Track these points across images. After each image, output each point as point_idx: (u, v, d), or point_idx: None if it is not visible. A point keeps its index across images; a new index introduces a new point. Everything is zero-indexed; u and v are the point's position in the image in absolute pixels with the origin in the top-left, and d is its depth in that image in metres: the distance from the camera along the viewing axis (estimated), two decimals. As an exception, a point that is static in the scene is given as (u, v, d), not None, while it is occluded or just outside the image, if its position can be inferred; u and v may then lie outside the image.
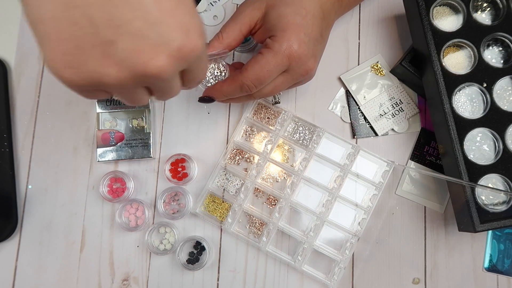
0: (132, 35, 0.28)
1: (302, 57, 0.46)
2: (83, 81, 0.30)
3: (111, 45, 0.28)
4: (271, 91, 0.49)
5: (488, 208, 0.51)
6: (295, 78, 0.48)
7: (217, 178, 0.58)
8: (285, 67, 0.46)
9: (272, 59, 0.45)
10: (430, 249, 0.58)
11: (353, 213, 0.58)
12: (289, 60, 0.46)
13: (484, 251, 0.58)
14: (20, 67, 0.61)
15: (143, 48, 0.29)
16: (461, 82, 0.53)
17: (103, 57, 0.29)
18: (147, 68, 0.29)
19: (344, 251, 0.56)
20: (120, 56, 0.29)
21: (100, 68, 0.29)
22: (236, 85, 0.47)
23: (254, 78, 0.46)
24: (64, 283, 0.57)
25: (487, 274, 0.57)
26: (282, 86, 0.49)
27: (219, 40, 0.48)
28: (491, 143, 0.53)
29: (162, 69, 0.30)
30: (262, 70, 0.46)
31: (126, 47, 0.29)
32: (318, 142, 0.58)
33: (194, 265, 0.56)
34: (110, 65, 0.29)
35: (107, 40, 0.28)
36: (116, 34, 0.28)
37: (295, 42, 0.45)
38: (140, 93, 0.34)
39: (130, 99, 0.35)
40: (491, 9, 0.55)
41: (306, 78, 0.50)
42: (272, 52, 0.45)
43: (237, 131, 0.59)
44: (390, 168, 0.58)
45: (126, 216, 0.57)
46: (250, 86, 0.46)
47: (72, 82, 0.30)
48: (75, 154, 0.59)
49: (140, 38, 0.29)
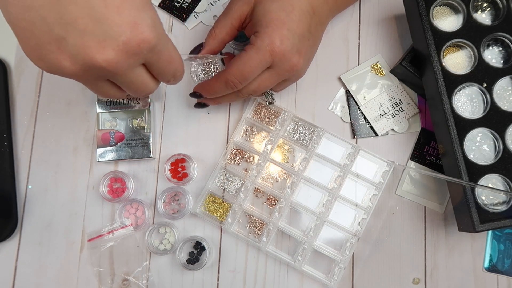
0: (80, 31, 0.32)
1: (285, 53, 0.46)
2: (53, 71, 0.34)
3: (63, 41, 0.32)
4: (257, 87, 0.49)
5: (488, 208, 0.51)
6: (280, 74, 0.48)
7: (217, 178, 0.58)
8: (268, 63, 0.46)
9: (254, 55, 0.46)
10: (430, 249, 0.58)
11: (353, 213, 0.58)
12: (271, 56, 0.46)
13: (484, 251, 0.58)
14: (20, 67, 0.61)
15: (90, 43, 0.32)
16: (461, 82, 0.53)
17: (58, 52, 0.33)
18: (95, 61, 0.33)
19: (344, 251, 0.56)
20: (71, 50, 0.33)
21: (57, 62, 0.33)
22: (221, 82, 0.48)
23: (238, 74, 0.46)
24: (64, 283, 0.57)
25: (487, 274, 0.57)
26: (268, 82, 0.49)
27: (212, 37, 0.50)
28: (491, 143, 0.53)
29: (110, 62, 0.33)
30: (245, 66, 0.46)
31: (75, 43, 0.32)
32: (318, 142, 0.58)
33: (194, 265, 0.56)
34: (65, 59, 0.33)
35: (60, 37, 0.32)
36: (66, 31, 0.32)
37: (277, 38, 0.45)
38: (105, 87, 0.38)
39: (99, 92, 0.39)
40: (491, 9, 0.55)
41: (294, 75, 0.50)
42: (255, 48, 0.46)
43: (237, 131, 0.59)
44: (390, 168, 0.58)
45: (126, 216, 0.57)
46: (235, 82, 0.47)
47: (47, 71, 0.35)
48: (75, 154, 0.59)
49: (87, 34, 0.32)
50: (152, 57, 0.36)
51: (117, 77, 0.36)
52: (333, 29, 0.62)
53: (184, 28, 0.62)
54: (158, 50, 0.36)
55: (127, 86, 0.38)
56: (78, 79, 0.36)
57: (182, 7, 0.62)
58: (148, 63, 0.37)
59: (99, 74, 0.35)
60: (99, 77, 0.36)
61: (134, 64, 0.36)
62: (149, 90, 0.40)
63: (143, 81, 0.38)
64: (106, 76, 0.36)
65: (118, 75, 0.36)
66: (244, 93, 0.50)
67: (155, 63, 0.37)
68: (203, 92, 0.52)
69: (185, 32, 0.62)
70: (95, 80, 0.37)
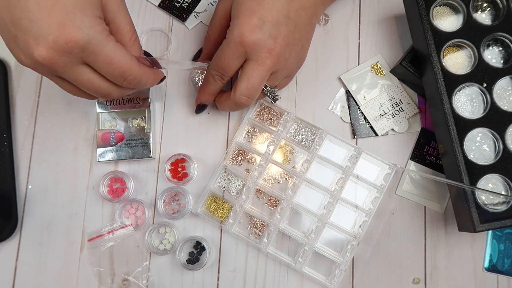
0: (23, 30, 0.37)
1: (255, 41, 0.46)
2: (22, 64, 0.39)
3: (16, 38, 0.38)
4: (248, 85, 0.48)
5: (488, 208, 0.51)
6: (262, 63, 0.47)
7: (218, 179, 0.58)
8: (241, 54, 0.47)
9: (226, 48, 0.47)
10: (430, 249, 0.58)
11: (355, 215, 0.58)
12: (242, 46, 0.46)
13: (484, 251, 0.58)
14: (20, 67, 0.61)
15: (29, 40, 0.37)
16: (461, 82, 0.53)
17: (16, 48, 0.38)
18: (33, 57, 0.37)
19: (345, 253, 0.56)
20: (21, 46, 0.38)
21: (18, 56, 0.39)
22: (209, 78, 0.51)
23: (216, 66, 0.49)
24: (64, 283, 0.57)
25: (487, 274, 0.57)
26: (257, 76, 0.48)
27: (207, 39, 0.51)
28: (491, 143, 0.53)
29: (44, 58, 0.37)
30: (220, 60, 0.48)
31: (22, 40, 0.37)
32: (320, 144, 0.58)
33: (194, 265, 0.56)
34: (20, 53, 0.38)
35: (14, 35, 0.38)
36: (16, 30, 0.37)
37: (246, 28, 0.46)
38: (62, 83, 0.42)
39: (63, 87, 0.43)
40: (491, 9, 0.55)
41: (278, 63, 0.48)
42: (226, 41, 0.47)
43: (240, 131, 0.59)
44: (392, 171, 0.58)
45: (126, 216, 0.57)
46: (218, 74, 0.49)
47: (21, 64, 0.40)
48: (75, 154, 0.59)
49: (27, 32, 0.36)
50: (87, 57, 0.39)
51: (61, 74, 0.40)
52: (333, 29, 0.62)
53: (184, 28, 0.62)
54: (91, 51, 0.38)
55: (77, 84, 0.41)
56: (40, 73, 0.41)
57: (182, 7, 0.62)
58: (88, 62, 0.39)
59: (46, 69, 0.39)
60: (50, 73, 0.40)
61: (71, 62, 0.38)
62: (103, 90, 0.42)
63: (89, 80, 0.40)
64: (52, 72, 0.40)
65: (60, 72, 0.39)
66: (239, 96, 0.49)
67: (93, 63, 0.39)
68: (202, 99, 0.55)
69: (185, 32, 0.62)
70: (50, 75, 0.41)
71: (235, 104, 0.50)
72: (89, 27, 0.37)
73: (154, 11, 0.62)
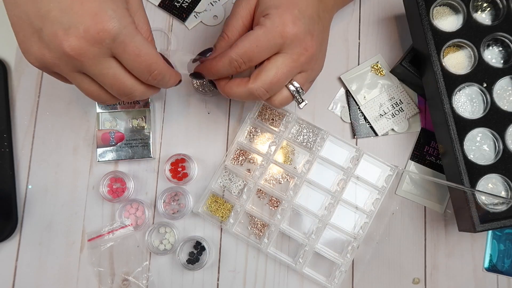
0: (51, 22, 0.36)
1: (297, 33, 0.44)
2: (37, 63, 0.39)
3: (41, 32, 0.37)
4: (274, 77, 0.45)
5: (488, 208, 0.51)
6: (295, 59, 0.45)
7: (220, 179, 0.58)
8: (277, 45, 0.44)
9: (263, 35, 0.43)
10: (430, 249, 0.58)
11: (355, 216, 0.58)
12: (282, 37, 0.43)
13: (484, 251, 0.58)
14: (20, 67, 0.61)
15: (58, 31, 0.36)
16: (461, 82, 0.53)
17: (39, 42, 0.38)
18: (63, 48, 0.37)
19: (346, 254, 0.56)
20: (46, 40, 0.37)
21: (39, 51, 0.38)
22: (225, 61, 0.45)
23: (243, 52, 0.44)
24: (64, 283, 0.57)
25: (487, 274, 0.57)
26: (285, 69, 0.45)
27: (225, 40, 0.47)
28: (491, 143, 0.53)
29: (74, 49, 0.37)
30: (251, 45, 0.43)
31: (49, 32, 0.37)
32: (322, 145, 0.58)
33: (194, 265, 0.56)
34: (43, 47, 0.38)
35: (38, 28, 0.37)
36: (42, 23, 0.37)
37: (289, 18, 0.43)
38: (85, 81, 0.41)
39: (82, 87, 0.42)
40: (491, 9, 0.55)
41: (310, 62, 0.46)
42: (264, 28, 0.43)
43: (241, 131, 0.59)
44: (393, 172, 0.57)
45: (126, 216, 0.57)
46: (239, 61, 0.44)
47: (33, 65, 0.39)
48: (75, 154, 0.59)
49: (56, 23, 0.36)
50: (116, 48, 0.38)
51: (87, 67, 0.39)
52: (333, 29, 0.62)
53: (184, 28, 0.62)
54: (121, 41, 0.38)
55: (100, 80, 0.40)
56: (61, 70, 0.40)
57: (182, 7, 0.62)
58: (115, 54, 0.39)
59: (72, 63, 0.38)
60: (74, 68, 0.39)
61: (100, 54, 0.38)
62: (127, 88, 0.42)
63: (115, 75, 0.40)
64: (78, 67, 0.39)
65: (87, 65, 0.39)
66: (259, 87, 0.45)
67: (121, 54, 0.39)
68: (204, 72, 0.48)
69: (185, 32, 0.62)
70: (74, 71, 0.40)
71: (248, 94, 0.46)
72: (121, 18, 0.38)
73: (154, 10, 0.62)
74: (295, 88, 0.48)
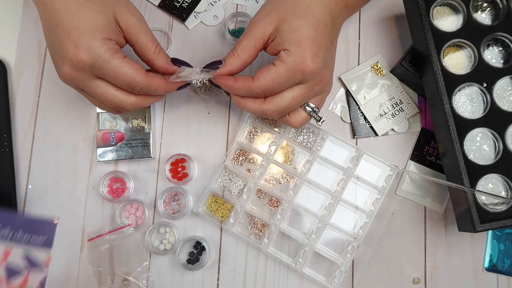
0: (56, 52, 0.46)
1: (315, 70, 0.46)
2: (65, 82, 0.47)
3: (54, 58, 0.47)
4: (289, 104, 0.48)
5: (488, 208, 0.51)
6: (311, 89, 0.48)
7: (220, 178, 0.58)
8: (297, 81, 0.47)
9: (285, 73, 0.46)
10: (430, 249, 0.58)
11: (355, 216, 0.58)
12: (302, 74, 0.46)
13: (484, 251, 0.58)
14: (20, 67, 0.61)
15: (58, 60, 0.46)
16: (461, 82, 0.53)
17: (56, 67, 0.47)
18: (63, 73, 0.45)
19: (346, 254, 0.56)
20: (56, 66, 0.47)
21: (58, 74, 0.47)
22: (247, 89, 0.48)
23: (265, 88, 0.47)
24: (64, 283, 0.57)
25: (487, 274, 0.57)
26: (300, 98, 0.48)
27: (235, 58, 0.49)
28: (491, 143, 0.53)
29: (67, 74, 0.45)
30: (273, 82, 0.46)
31: (55, 61, 0.47)
32: (322, 145, 0.58)
33: (194, 265, 0.56)
34: (58, 71, 0.47)
35: (53, 55, 0.47)
36: (53, 52, 0.47)
37: (309, 56, 0.46)
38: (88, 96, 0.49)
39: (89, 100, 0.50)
40: (491, 9, 0.55)
41: (323, 88, 0.49)
42: (286, 66, 0.46)
43: (241, 131, 0.59)
44: (393, 172, 0.57)
45: (126, 216, 0.57)
46: (260, 93, 0.48)
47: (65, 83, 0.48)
48: (75, 154, 0.59)
49: (57, 54, 0.45)
50: (97, 72, 0.45)
51: (82, 87, 0.47)
52: (333, 29, 0.62)
53: (184, 28, 0.62)
54: (98, 67, 0.44)
55: (94, 96, 0.48)
56: (74, 89, 0.49)
57: (182, 7, 0.62)
58: (100, 76, 0.46)
59: (73, 84, 0.47)
60: (76, 87, 0.48)
61: (86, 77, 0.45)
62: (114, 103, 0.48)
63: (102, 93, 0.47)
64: (77, 86, 0.47)
65: (81, 86, 0.47)
66: (273, 112, 0.49)
67: (103, 76, 0.46)
68: (223, 87, 0.50)
69: (185, 32, 0.62)
70: (78, 89, 0.48)
71: (261, 112, 0.49)
72: (96, 48, 0.44)
73: (154, 11, 0.62)
74: (311, 109, 0.50)
